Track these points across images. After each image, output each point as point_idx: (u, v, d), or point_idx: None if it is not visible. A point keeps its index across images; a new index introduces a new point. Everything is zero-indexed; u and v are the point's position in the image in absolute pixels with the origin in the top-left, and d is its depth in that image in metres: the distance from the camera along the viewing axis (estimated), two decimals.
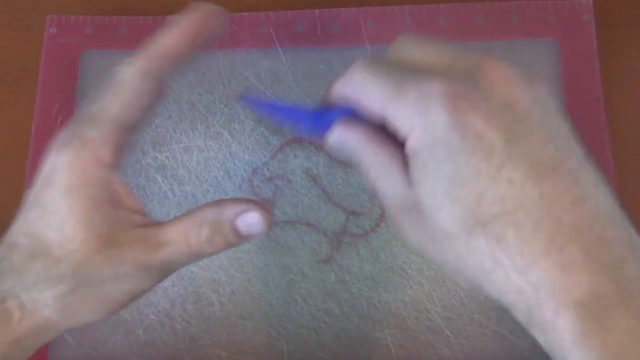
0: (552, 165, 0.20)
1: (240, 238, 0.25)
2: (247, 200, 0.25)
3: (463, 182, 0.20)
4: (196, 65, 0.43)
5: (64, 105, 0.43)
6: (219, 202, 0.25)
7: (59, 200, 0.23)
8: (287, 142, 0.41)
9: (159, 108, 0.42)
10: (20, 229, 0.24)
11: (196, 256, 0.25)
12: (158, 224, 0.24)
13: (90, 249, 0.23)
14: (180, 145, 0.42)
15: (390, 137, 0.23)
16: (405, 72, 0.21)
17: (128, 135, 0.25)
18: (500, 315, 0.37)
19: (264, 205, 0.25)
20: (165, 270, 0.25)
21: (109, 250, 0.23)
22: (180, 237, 0.24)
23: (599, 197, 0.20)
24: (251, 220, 0.25)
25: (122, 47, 0.44)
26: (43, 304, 0.23)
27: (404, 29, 0.43)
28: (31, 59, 0.45)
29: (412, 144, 0.21)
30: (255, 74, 0.43)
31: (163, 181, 0.41)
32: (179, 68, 0.26)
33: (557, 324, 0.19)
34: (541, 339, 0.20)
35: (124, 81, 0.25)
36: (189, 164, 0.41)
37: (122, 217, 0.24)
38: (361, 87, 0.22)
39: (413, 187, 0.21)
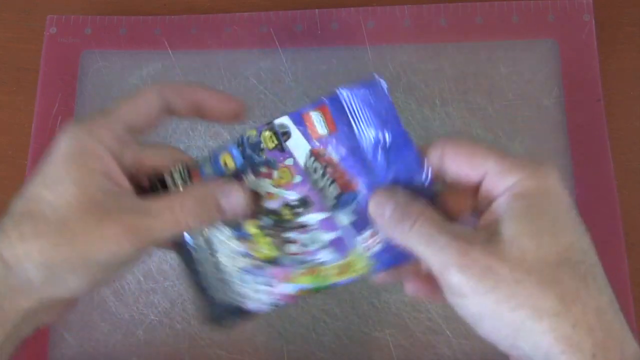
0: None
1: (223, 214, 0.27)
2: (233, 182, 0.28)
3: (563, 228, 0.24)
4: (196, 65, 0.43)
5: (64, 105, 0.43)
6: (206, 182, 0.28)
7: (58, 165, 0.25)
8: None
9: None
10: (18, 196, 0.25)
11: (179, 227, 0.26)
12: (147, 198, 0.26)
13: (81, 207, 0.24)
14: (181, 145, 0.42)
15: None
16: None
17: (128, 135, 0.27)
18: None
19: (248, 189, 0.28)
20: (150, 238, 0.26)
21: (98, 211, 0.24)
22: (166, 207, 0.26)
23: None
24: (234, 199, 0.27)
25: (122, 47, 0.44)
26: (25, 259, 0.24)
27: (404, 29, 0.43)
28: (31, 59, 0.45)
29: (518, 189, 0.25)
30: (255, 74, 0.43)
31: None
32: (184, 114, 0.29)
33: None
34: None
35: (140, 91, 0.28)
36: None
37: (114, 189, 0.26)
38: (453, 154, 0.26)
39: (496, 224, 0.24)
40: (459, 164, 0.26)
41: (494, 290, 0.23)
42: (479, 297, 0.23)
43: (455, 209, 0.27)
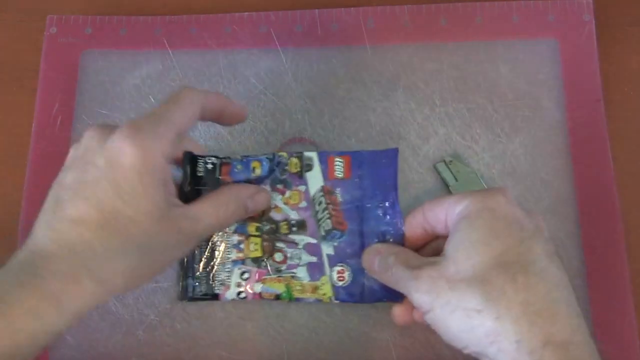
0: (554, 252, 0.29)
1: (248, 213, 0.34)
2: (255, 187, 0.35)
3: (496, 234, 0.28)
4: (196, 65, 0.43)
5: (64, 105, 0.43)
6: (236, 186, 0.34)
7: (133, 179, 0.27)
8: (288, 142, 0.41)
9: None
10: (88, 204, 0.27)
11: (221, 227, 0.33)
12: (192, 203, 0.31)
13: (154, 220, 0.28)
14: None
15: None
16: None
17: (177, 139, 0.30)
18: None
19: (265, 190, 0.36)
20: (200, 238, 0.32)
21: (166, 223, 0.28)
22: (213, 212, 0.31)
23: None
24: (259, 199, 0.35)
25: (122, 47, 0.44)
26: (113, 276, 0.27)
27: (404, 29, 0.43)
28: (31, 59, 0.45)
29: (458, 215, 0.30)
30: (255, 74, 0.43)
31: None
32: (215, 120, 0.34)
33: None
34: None
35: (183, 96, 0.31)
36: None
37: (170, 197, 0.29)
38: (426, 211, 0.32)
39: (444, 248, 0.30)
40: (432, 212, 0.32)
41: (437, 300, 0.28)
42: (434, 310, 0.28)
43: (418, 242, 0.34)
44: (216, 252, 0.37)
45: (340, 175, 0.36)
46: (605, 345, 0.36)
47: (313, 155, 0.36)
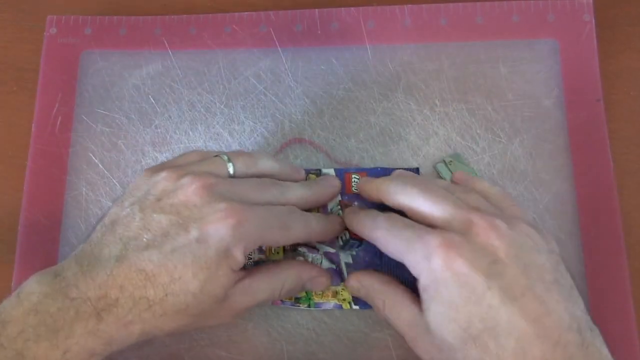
0: (521, 292, 0.27)
1: (304, 291, 0.36)
2: (318, 268, 0.35)
3: (457, 308, 0.27)
4: (196, 65, 0.43)
5: (64, 105, 0.43)
6: (298, 264, 0.34)
7: (213, 264, 0.28)
8: (288, 142, 0.41)
9: (159, 108, 0.42)
10: (161, 263, 0.28)
11: (271, 301, 0.35)
12: (251, 275, 0.31)
13: (216, 301, 0.29)
14: (180, 145, 0.42)
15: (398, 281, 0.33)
16: (413, 229, 0.30)
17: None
18: None
19: (328, 272, 0.35)
20: (249, 310, 0.32)
21: (225, 302, 0.30)
22: (268, 288, 0.32)
23: (561, 311, 0.27)
24: (319, 283, 0.35)
25: (122, 47, 0.44)
26: (160, 331, 0.29)
27: (404, 29, 0.43)
28: (31, 59, 0.45)
29: (421, 282, 0.29)
30: (255, 74, 0.43)
31: None
32: None
33: None
34: None
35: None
36: None
37: (231, 277, 0.30)
38: (383, 237, 0.31)
39: (424, 314, 0.29)
40: (389, 250, 0.31)
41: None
42: None
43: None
44: None
45: (357, 191, 0.37)
46: None
47: (330, 171, 0.37)
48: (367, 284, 0.33)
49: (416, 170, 0.38)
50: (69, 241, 0.40)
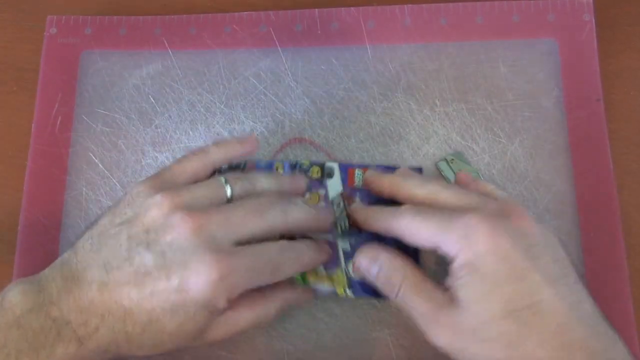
0: (556, 278, 0.28)
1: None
2: (302, 289, 0.35)
3: (499, 283, 0.28)
4: (196, 65, 0.43)
5: (64, 105, 0.43)
6: (282, 288, 0.33)
7: (191, 310, 0.29)
8: (288, 142, 0.41)
9: (159, 108, 0.42)
10: (141, 298, 0.28)
11: (258, 327, 0.33)
12: (234, 307, 0.31)
13: (192, 338, 0.30)
14: (180, 145, 0.42)
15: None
16: (444, 213, 0.30)
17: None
18: None
19: (307, 291, 0.35)
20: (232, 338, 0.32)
21: (202, 335, 0.30)
22: (250, 317, 0.32)
23: (590, 304, 0.29)
24: (302, 300, 0.35)
25: (122, 47, 0.44)
26: (134, 356, 0.30)
27: (404, 29, 0.43)
28: (31, 59, 0.45)
29: (458, 262, 0.29)
30: (255, 74, 0.43)
31: None
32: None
33: None
34: None
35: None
36: None
37: (210, 318, 0.30)
38: (411, 223, 0.30)
39: (455, 291, 0.29)
40: (417, 238, 0.31)
41: (463, 352, 0.29)
42: (456, 355, 0.29)
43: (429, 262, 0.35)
44: None
45: (359, 185, 0.37)
46: None
47: (334, 165, 0.38)
48: (386, 257, 0.32)
49: (419, 170, 0.38)
50: (69, 241, 0.40)
